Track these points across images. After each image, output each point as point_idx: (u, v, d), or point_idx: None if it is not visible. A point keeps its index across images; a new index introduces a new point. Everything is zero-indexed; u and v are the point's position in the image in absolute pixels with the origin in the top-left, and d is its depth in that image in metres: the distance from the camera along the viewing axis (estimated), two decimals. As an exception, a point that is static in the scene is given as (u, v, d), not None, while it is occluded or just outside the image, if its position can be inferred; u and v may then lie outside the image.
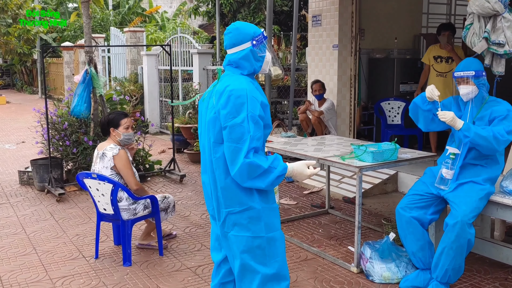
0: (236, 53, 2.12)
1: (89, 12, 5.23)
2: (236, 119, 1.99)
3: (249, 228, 2.09)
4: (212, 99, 2.11)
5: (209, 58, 7.77)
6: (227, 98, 2.02)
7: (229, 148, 2.01)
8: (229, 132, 2.00)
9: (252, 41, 2.11)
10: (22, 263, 3.45)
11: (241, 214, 2.08)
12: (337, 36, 5.63)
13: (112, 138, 3.53)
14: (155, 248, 3.62)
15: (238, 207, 2.08)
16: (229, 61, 2.16)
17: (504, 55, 3.25)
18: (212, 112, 2.08)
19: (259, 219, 2.09)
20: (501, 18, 3.15)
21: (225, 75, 2.16)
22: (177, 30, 8.77)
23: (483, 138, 2.76)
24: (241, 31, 2.12)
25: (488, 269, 3.23)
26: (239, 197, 2.08)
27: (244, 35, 2.12)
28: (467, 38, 3.34)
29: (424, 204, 2.96)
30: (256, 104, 2.03)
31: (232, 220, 2.11)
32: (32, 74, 19.99)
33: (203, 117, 2.19)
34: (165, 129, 8.91)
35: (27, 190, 5.38)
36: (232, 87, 2.04)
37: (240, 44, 2.12)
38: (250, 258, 2.11)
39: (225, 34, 2.17)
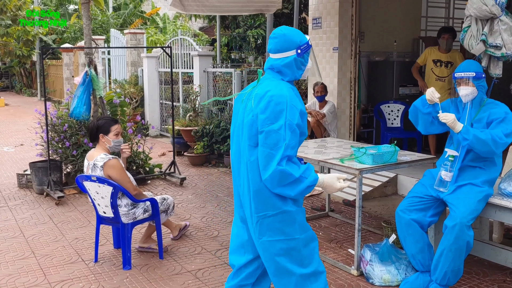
0: (279, 59, 2.13)
1: (89, 14, 5.22)
2: (274, 125, 2.00)
3: (284, 231, 2.09)
4: (251, 101, 2.11)
5: (209, 61, 7.77)
6: (267, 103, 2.02)
7: (263, 153, 2.02)
8: (265, 137, 2.01)
9: (297, 49, 2.11)
10: (21, 267, 3.43)
11: (274, 218, 2.09)
12: (337, 38, 5.64)
13: (101, 145, 3.43)
14: (155, 251, 3.60)
15: (271, 211, 2.08)
16: (271, 66, 2.16)
17: (501, 57, 3.27)
18: (250, 115, 2.08)
19: (293, 222, 2.10)
20: (498, 21, 3.18)
21: (266, 79, 2.16)
22: (177, 32, 8.77)
23: (482, 141, 2.77)
24: (287, 38, 2.12)
25: (487, 271, 3.24)
26: (273, 201, 2.07)
27: (290, 43, 2.11)
28: (465, 41, 3.36)
29: (423, 206, 2.97)
30: (295, 112, 2.03)
31: (265, 224, 2.10)
32: (31, 76, 19.99)
33: (239, 118, 2.19)
34: (165, 132, 8.89)
35: (25, 193, 5.36)
36: (273, 92, 2.04)
37: (285, 51, 2.12)
38: (287, 261, 2.11)
39: (271, 37, 2.16)
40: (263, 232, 2.10)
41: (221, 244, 3.77)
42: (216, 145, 6.51)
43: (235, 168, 2.24)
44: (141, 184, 5.55)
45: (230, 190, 5.35)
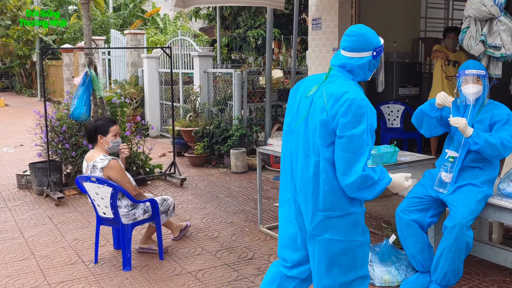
0: (354, 59, 2.10)
1: (89, 14, 5.22)
2: (356, 130, 1.98)
3: (347, 233, 2.10)
4: (322, 99, 2.06)
5: (209, 61, 7.77)
6: (347, 106, 1.98)
7: (344, 158, 1.99)
8: (347, 142, 1.98)
9: (373, 51, 2.10)
10: (20, 268, 3.42)
11: (340, 219, 2.09)
12: (337, 39, 5.64)
13: (99, 146, 3.42)
14: (155, 252, 3.60)
15: (339, 212, 2.09)
16: (343, 64, 2.12)
17: (501, 58, 3.28)
18: (323, 114, 2.04)
19: (357, 224, 2.12)
20: (497, 21, 3.19)
21: (337, 77, 2.11)
22: (177, 33, 8.77)
23: (492, 145, 2.78)
24: (366, 38, 2.09)
25: (487, 272, 3.24)
26: (343, 202, 2.08)
27: (368, 44, 2.09)
28: (464, 41, 3.37)
29: (423, 207, 2.97)
30: (374, 116, 2.04)
31: (329, 223, 2.10)
32: (31, 77, 19.98)
33: (302, 113, 2.14)
34: (165, 132, 8.89)
35: (25, 194, 5.35)
36: (353, 95, 2.00)
37: (361, 51, 2.10)
38: (342, 261, 2.12)
39: (348, 35, 2.13)
40: (326, 230, 2.10)
41: (222, 245, 3.76)
42: (217, 145, 6.50)
43: (289, 162, 2.20)
44: (141, 185, 5.55)
45: (230, 191, 5.34)
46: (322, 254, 2.14)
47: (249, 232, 4.03)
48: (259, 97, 7.01)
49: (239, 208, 4.72)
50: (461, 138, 2.97)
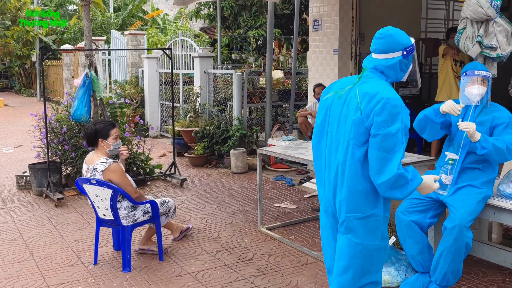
0: (384, 60, 2.11)
1: (89, 15, 5.21)
2: (391, 129, 1.98)
3: (366, 236, 2.12)
4: (355, 99, 2.07)
5: (210, 62, 7.77)
6: (382, 105, 1.99)
7: (378, 156, 2.00)
8: (381, 140, 1.99)
9: (403, 51, 2.11)
10: (19, 269, 3.41)
11: (361, 221, 2.11)
12: (337, 40, 5.64)
13: (100, 149, 3.41)
14: (155, 253, 3.59)
15: (360, 213, 2.10)
16: (374, 66, 2.14)
17: (496, 58, 3.31)
18: (357, 113, 2.05)
19: (377, 228, 2.13)
20: (493, 22, 3.22)
21: (370, 78, 2.13)
22: (178, 33, 8.77)
23: (499, 149, 2.79)
24: (394, 38, 2.11)
25: (486, 272, 3.24)
26: (365, 204, 2.10)
27: (397, 44, 2.10)
28: (460, 42, 3.40)
29: (423, 208, 2.98)
30: (407, 115, 2.04)
31: (351, 224, 2.12)
32: (30, 77, 19.98)
33: (335, 114, 2.16)
34: (165, 133, 8.89)
35: (24, 195, 5.34)
36: (387, 95, 2.02)
37: (391, 52, 2.11)
38: (359, 264, 2.14)
39: (377, 38, 2.15)
40: (347, 230, 2.15)
41: (221, 245, 3.76)
42: (217, 146, 6.49)
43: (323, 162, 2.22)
44: (141, 185, 5.54)
45: (230, 191, 5.34)
46: (342, 253, 2.18)
47: (249, 233, 4.02)
48: (259, 98, 7.00)
49: (239, 208, 4.71)
50: (460, 140, 2.97)
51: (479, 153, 2.85)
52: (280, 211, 4.59)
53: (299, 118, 5.99)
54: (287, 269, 3.32)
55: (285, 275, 3.23)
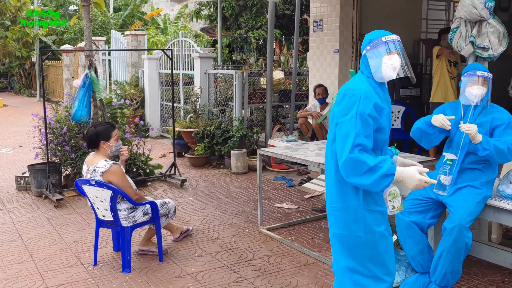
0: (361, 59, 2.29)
1: (89, 16, 5.21)
2: (346, 116, 2.08)
3: (346, 226, 2.17)
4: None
5: (210, 62, 7.76)
6: (342, 96, 2.14)
7: (339, 144, 2.11)
8: (339, 128, 2.10)
9: (367, 46, 2.24)
10: (18, 271, 3.40)
11: (340, 212, 2.17)
12: (338, 41, 5.65)
13: (101, 151, 3.40)
14: (155, 254, 3.58)
15: (338, 204, 2.18)
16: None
17: (488, 58, 3.36)
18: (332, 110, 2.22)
19: (358, 219, 2.15)
20: (486, 23, 3.27)
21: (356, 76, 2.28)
22: (178, 34, 8.76)
23: (500, 150, 2.80)
24: (367, 37, 2.27)
25: (486, 272, 3.24)
26: (341, 196, 2.17)
27: (364, 42, 2.28)
28: (453, 41, 3.45)
29: (423, 208, 2.98)
30: (369, 103, 2.09)
31: (333, 216, 2.21)
32: (30, 77, 20.00)
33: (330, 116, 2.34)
34: (166, 133, 8.88)
35: (24, 196, 5.33)
36: (349, 86, 2.16)
37: (362, 50, 2.29)
38: (347, 257, 2.19)
39: None
40: (331, 224, 2.23)
41: (221, 246, 3.75)
42: (217, 146, 6.49)
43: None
44: (141, 186, 5.53)
45: (230, 192, 5.33)
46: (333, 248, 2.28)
47: (249, 233, 4.01)
48: (259, 98, 7.00)
49: (239, 209, 4.70)
50: (459, 141, 2.99)
51: (481, 154, 2.86)
52: (281, 212, 4.59)
53: (299, 119, 5.99)
54: (287, 270, 3.31)
55: (285, 276, 3.22)
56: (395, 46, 2.18)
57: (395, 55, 2.18)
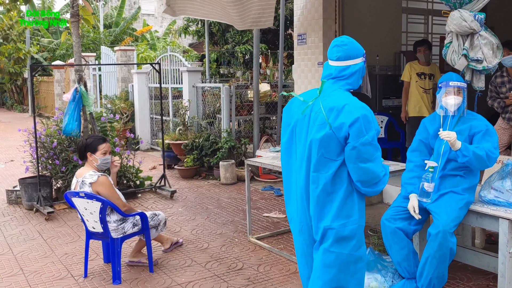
0: (350, 67, 2.12)
1: (78, 32, 5.30)
2: (367, 137, 2.02)
3: (340, 245, 2.12)
4: (322, 114, 2.07)
5: (198, 76, 7.88)
6: (355, 117, 2.01)
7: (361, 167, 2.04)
8: (361, 151, 2.02)
9: (363, 56, 2.16)
10: (9, 284, 3.40)
11: (335, 230, 2.11)
12: (321, 54, 5.76)
13: (89, 163, 3.47)
14: (145, 265, 3.61)
15: (335, 222, 2.11)
16: (337, 75, 2.13)
17: (483, 70, 3.34)
18: (326, 128, 2.05)
19: (352, 237, 2.13)
20: (478, 36, 3.25)
21: (331, 90, 2.12)
22: (167, 49, 8.90)
23: (479, 157, 2.85)
24: (356, 45, 2.15)
25: (471, 276, 3.30)
26: (338, 213, 2.11)
27: (359, 50, 2.15)
28: (448, 56, 3.42)
29: (407, 215, 3.02)
30: (375, 120, 2.12)
31: (326, 234, 2.12)
32: (22, 93, 19.94)
33: (300, 130, 2.16)
34: (156, 146, 8.94)
35: (15, 210, 5.33)
36: (356, 106, 2.04)
37: (355, 58, 2.13)
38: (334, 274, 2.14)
39: (339, 45, 2.15)
40: (325, 242, 2.14)
41: (211, 256, 3.80)
42: (206, 158, 6.56)
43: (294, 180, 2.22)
44: (131, 198, 5.56)
45: (219, 202, 5.39)
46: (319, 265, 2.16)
47: (239, 243, 4.06)
48: (247, 110, 7.11)
49: (228, 219, 4.76)
50: (440, 148, 3.05)
51: (460, 161, 2.91)
52: (269, 221, 4.65)
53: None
54: (277, 278, 3.35)
55: (274, 284, 3.26)
56: None
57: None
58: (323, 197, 2.10)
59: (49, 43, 17.77)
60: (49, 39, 18.05)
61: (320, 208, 2.12)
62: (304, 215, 2.20)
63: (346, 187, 2.11)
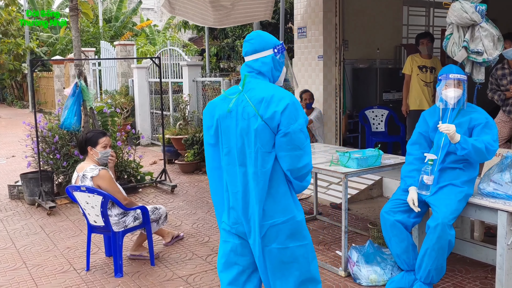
0: (258, 60, 2.11)
1: (77, 26, 5.29)
2: (297, 125, 2.01)
3: (294, 238, 2.09)
4: (250, 107, 2.03)
5: (198, 70, 7.88)
6: (284, 105, 1.99)
7: (292, 154, 2.01)
8: (291, 138, 2.00)
9: (274, 48, 2.13)
10: (12, 278, 3.44)
11: (284, 225, 2.07)
12: (321, 47, 5.77)
13: (90, 157, 3.49)
14: (146, 258, 3.64)
15: (281, 217, 2.07)
16: (252, 69, 2.13)
17: (483, 63, 3.32)
18: (257, 120, 2.01)
19: (302, 227, 2.12)
20: (479, 27, 3.23)
21: (255, 83, 2.09)
22: (167, 43, 8.88)
23: (478, 150, 2.85)
24: (263, 38, 2.14)
25: (469, 269, 3.33)
26: (282, 207, 2.07)
27: (266, 43, 2.13)
28: (448, 48, 3.40)
29: (407, 208, 3.04)
30: (303, 110, 2.10)
31: (274, 232, 2.07)
32: (22, 88, 19.95)
33: (230, 127, 2.09)
34: (156, 141, 8.95)
35: (17, 204, 5.37)
36: (284, 94, 2.02)
37: (262, 50, 2.12)
38: (295, 267, 2.11)
39: (247, 41, 2.18)
40: (272, 240, 2.08)
41: (212, 249, 3.82)
42: (207, 153, 6.57)
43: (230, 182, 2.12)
44: (132, 193, 5.59)
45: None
46: (274, 264, 2.10)
47: (239, 237, 4.09)
48: (247, 105, 7.09)
49: (229, 213, 4.78)
50: (440, 141, 3.06)
51: (459, 154, 2.91)
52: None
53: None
54: (276, 270, 3.40)
55: (273, 276, 3.31)
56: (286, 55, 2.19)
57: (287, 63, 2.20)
58: (264, 194, 2.05)
59: (48, 37, 17.75)
60: (48, 33, 18.02)
61: (263, 206, 2.06)
62: (237, 215, 2.12)
63: (285, 181, 2.09)
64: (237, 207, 2.12)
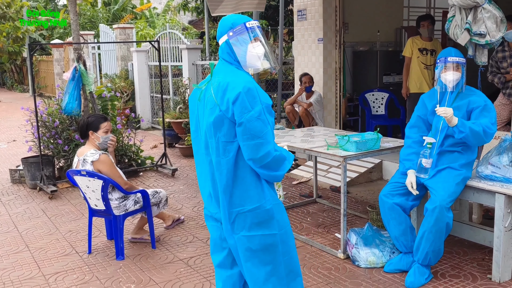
0: (221, 45, 2.06)
1: (76, 9, 5.24)
2: (252, 113, 1.91)
3: (262, 226, 2.04)
4: (212, 96, 1.99)
5: (198, 54, 7.82)
6: (236, 93, 1.91)
7: (250, 144, 1.93)
8: (247, 127, 1.92)
9: (229, 32, 2.03)
10: (15, 260, 3.49)
11: (252, 213, 2.03)
12: (321, 30, 5.71)
13: (91, 141, 3.49)
14: (147, 241, 3.69)
15: (249, 205, 2.02)
16: (220, 54, 2.07)
17: (486, 45, 3.29)
18: (216, 110, 1.97)
19: (271, 217, 2.05)
20: (481, 9, 3.19)
21: (220, 70, 2.04)
22: (166, 27, 8.79)
23: (475, 133, 2.85)
24: (222, 23, 2.06)
25: (467, 251, 3.36)
26: (250, 196, 2.02)
27: (223, 27, 2.05)
28: (450, 30, 3.37)
29: (405, 191, 3.06)
30: (266, 94, 1.99)
31: (242, 219, 2.04)
32: (22, 72, 19.85)
33: (200, 116, 2.08)
34: (156, 125, 8.95)
35: (18, 189, 5.41)
36: (238, 81, 1.94)
37: (221, 36, 2.07)
38: (265, 257, 2.06)
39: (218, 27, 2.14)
40: (240, 228, 2.05)
41: (212, 232, 3.87)
42: (207, 137, 6.57)
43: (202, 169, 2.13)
44: (133, 176, 5.62)
45: (220, 181, 5.43)
46: (245, 253, 2.08)
47: (239, 220, 4.13)
48: (247, 88, 7.06)
49: (229, 197, 4.81)
50: (438, 124, 3.06)
51: (457, 137, 2.91)
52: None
53: (286, 107, 6.09)
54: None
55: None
56: (258, 34, 2.04)
57: (258, 43, 2.03)
58: (230, 182, 2.01)
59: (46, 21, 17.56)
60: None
61: (229, 194, 2.02)
62: (218, 203, 2.11)
63: (251, 168, 2.02)
64: (213, 194, 2.12)
